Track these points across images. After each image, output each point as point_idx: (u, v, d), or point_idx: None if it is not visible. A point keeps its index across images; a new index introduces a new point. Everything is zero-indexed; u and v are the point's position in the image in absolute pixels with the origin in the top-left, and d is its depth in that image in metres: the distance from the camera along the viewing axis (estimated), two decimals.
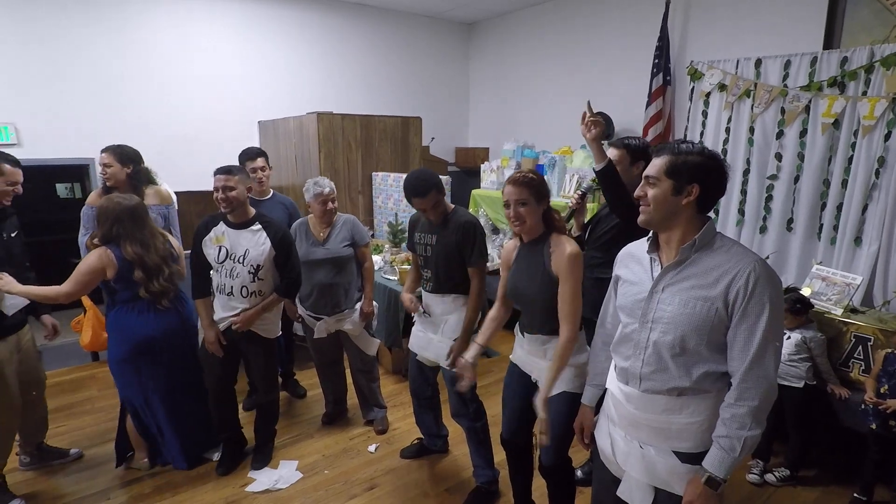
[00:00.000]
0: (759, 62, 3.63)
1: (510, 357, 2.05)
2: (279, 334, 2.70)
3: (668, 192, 1.33)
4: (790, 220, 3.61)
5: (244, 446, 2.80)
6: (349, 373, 3.08)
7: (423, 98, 6.17)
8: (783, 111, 3.53)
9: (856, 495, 2.44)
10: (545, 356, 1.86)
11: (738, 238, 3.76)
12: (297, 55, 5.26)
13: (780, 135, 3.57)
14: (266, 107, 5.09)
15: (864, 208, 3.23)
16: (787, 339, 2.55)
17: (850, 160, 3.28)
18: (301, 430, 3.08)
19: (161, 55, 4.54)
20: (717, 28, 4.02)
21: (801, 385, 2.53)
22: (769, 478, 2.62)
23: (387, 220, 4.38)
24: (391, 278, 3.69)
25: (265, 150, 3.88)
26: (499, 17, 5.95)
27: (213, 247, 2.46)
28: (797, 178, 3.53)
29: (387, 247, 4.10)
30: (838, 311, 2.74)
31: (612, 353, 1.52)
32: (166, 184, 3.13)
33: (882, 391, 2.36)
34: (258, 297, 2.50)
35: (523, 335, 1.95)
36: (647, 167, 1.38)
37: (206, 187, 2.44)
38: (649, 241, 1.44)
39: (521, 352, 1.98)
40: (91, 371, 3.81)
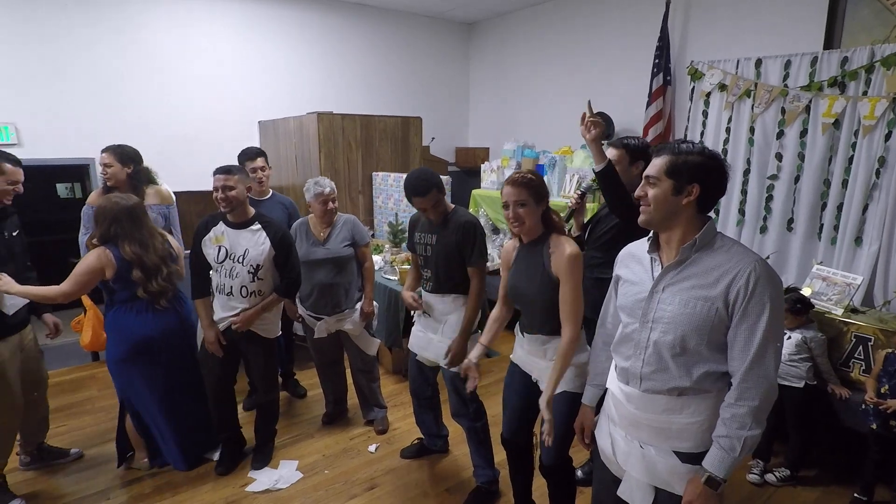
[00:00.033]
0: (759, 62, 3.63)
1: (510, 357, 2.05)
2: (279, 334, 2.70)
3: (668, 192, 1.33)
4: (790, 220, 3.61)
5: (243, 446, 2.80)
6: (349, 373, 3.08)
7: (424, 98, 6.17)
8: (783, 111, 3.53)
9: (856, 495, 2.44)
10: (545, 356, 1.86)
11: (739, 238, 3.76)
12: (297, 55, 5.26)
13: (780, 135, 3.57)
14: (266, 107, 5.09)
15: (865, 208, 3.23)
16: (788, 339, 2.55)
17: (850, 160, 3.28)
18: (301, 430, 3.08)
19: (161, 55, 4.55)
20: (718, 28, 4.02)
21: (802, 385, 2.53)
22: (769, 478, 2.62)
23: (387, 220, 4.38)
24: (391, 278, 3.69)
25: (265, 150, 3.87)
26: (499, 16, 5.95)
27: (213, 247, 2.46)
28: (797, 178, 3.53)
29: (387, 247, 4.09)
30: (839, 311, 2.74)
31: (613, 353, 1.52)
32: (166, 184, 3.14)
33: (882, 391, 2.36)
34: (258, 297, 2.50)
35: (523, 335, 1.95)
36: (646, 167, 1.38)
37: (206, 187, 2.43)
38: (650, 240, 1.45)
39: (522, 352, 1.98)
40: (91, 371, 3.81)
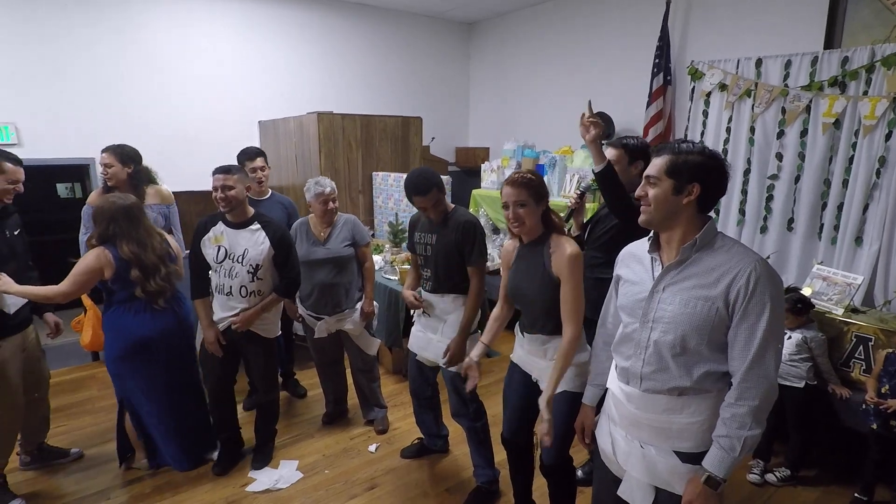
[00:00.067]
0: (759, 62, 3.63)
1: (510, 357, 2.05)
2: (279, 334, 2.70)
3: (668, 192, 1.33)
4: (791, 220, 3.61)
5: (242, 447, 2.80)
6: (349, 372, 3.08)
7: (424, 98, 6.17)
8: (784, 111, 3.52)
9: (856, 495, 2.44)
10: (545, 356, 1.86)
11: (739, 238, 3.76)
12: (297, 55, 5.25)
13: (780, 134, 3.57)
14: (266, 107, 5.09)
15: (865, 208, 3.23)
16: (788, 338, 2.55)
17: (850, 160, 3.28)
18: (301, 429, 3.08)
19: (161, 55, 4.54)
20: (718, 28, 4.02)
21: (802, 385, 2.53)
22: (770, 478, 2.62)
23: (387, 219, 4.38)
24: (392, 278, 3.69)
25: (265, 149, 3.87)
26: (499, 16, 5.95)
27: (212, 247, 2.46)
28: (798, 178, 3.53)
29: (387, 247, 4.09)
30: (839, 311, 2.74)
31: (613, 352, 1.52)
32: (165, 184, 3.14)
33: (883, 391, 2.36)
34: (257, 297, 2.49)
35: (523, 335, 1.95)
36: (645, 167, 1.38)
37: (206, 187, 2.43)
38: (650, 240, 1.44)
39: (522, 352, 1.98)
40: (91, 371, 3.81)
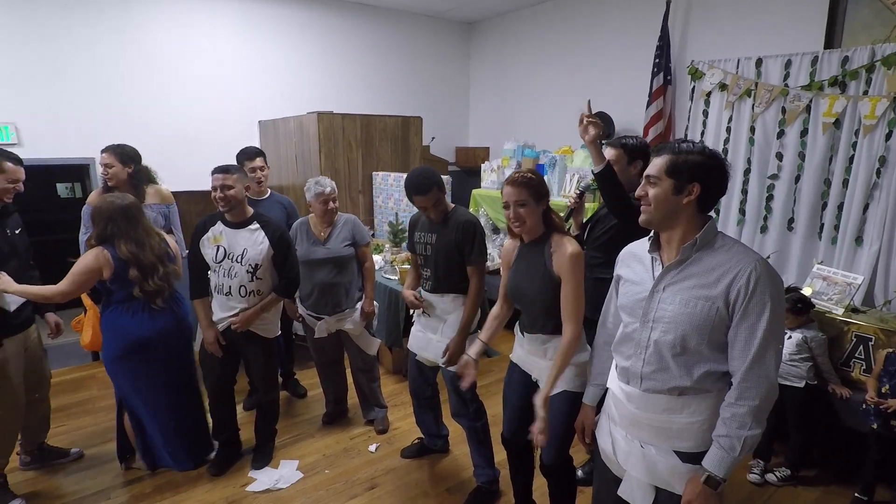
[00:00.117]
0: (759, 62, 3.62)
1: (510, 357, 2.05)
2: (278, 334, 2.70)
3: (668, 192, 1.33)
4: (791, 220, 3.61)
5: (240, 449, 2.79)
6: (350, 372, 3.08)
7: (424, 98, 6.16)
8: (784, 111, 3.52)
9: (857, 495, 2.44)
10: (545, 356, 1.86)
11: (739, 237, 3.76)
12: (297, 55, 5.25)
13: (780, 134, 3.57)
14: (266, 107, 5.08)
15: (865, 208, 3.23)
16: (788, 338, 2.55)
17: (850, 160, 3.28)
18: (301, 429, 3.08)
19: (161, 55, 4.54)
20: (718, 28, 4.01)
21: (802, 385, 2.53)
22: (770, 478, 2.62)
23: (387, 219, 4.38)
24: (392, 278, 3.69)
25: (265, 149, 3.87)
26: (499, 16, 5.95)
27: (211, 246, 2.46)
28: (798, 178, 3.53)
29: (387, 246, 4.09)
30: (839, 311, 2.74)
31: (614, 352, 1.52)
32: (165, 183, 3.14)
33: (883, 391, 2.36)
34: (256, 297, 2.49)
35: (523, 335, 1.95)
36: (644, 166, 1.38)
37: (206, 187, 2.43)
38: (650, 240, 1.44)
39: (521, 351, 1.98)
40: (91, 371, 3.82)
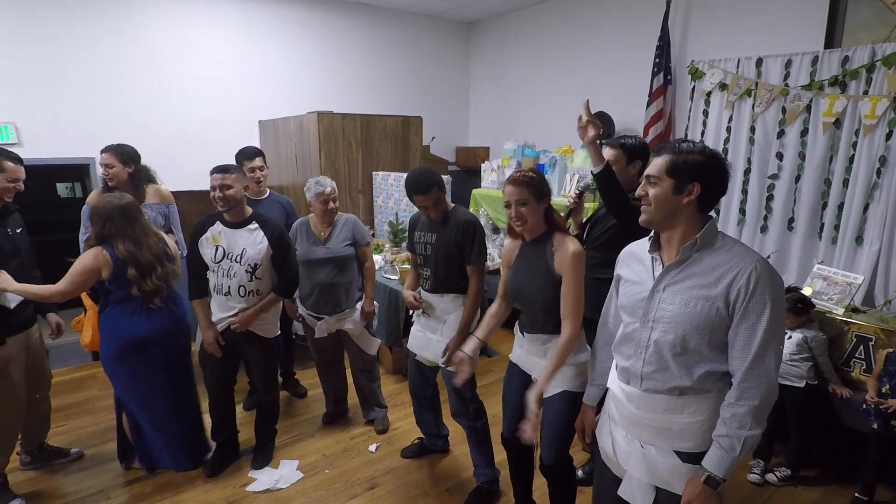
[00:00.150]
0: (759, 61, 3.62)
1: (510, 357, 2.05)
2: (278, 333, 2.70)
3: (668, 192, 1.33)
4: (791, 220, 3.60)
5: (237, 450, 2.78)
6: (350, 372, 3.08)
7: (424, 97, 6.16)
8: (784, 110, 3.52)
9: (857, 495, 2.44)
10: (545, 356, 1.85)
11: (739, 237, 3.75)
12: (297, 55, 5.25)
13: (781, 134, 3.57)
14: (266, 106, 5.08)
15: (866, 208, 3.22)
16: (789, 338, 2.54)
17: (851, 159, 3.28)
18: (301, 429, 3.08)
19: (161, 55, 4.54)
20: (718, 27, 4.01)
21: (803, 385, 2.53)
22: (770, 478, 2.62)
23: (387, 219, 4.38)
24: (392, 278, 3.69)
25: (265, 149, 3.87)
26: (499, 16, 5.95)
27: (210, 246, 2.45)
28: (798, 178, 3.52)
29: (387, 246, 4.09)
30: (839, 311, 2.74)
31: (614, 352, 1.52)
32: (165, 183, 3.14)
33: (883, 391, 2.36)
34: (256, 297, 2.49)
35: (523, 335, 1.95)
36: (643, 166, 1.38)
37: (206, 187, 2.43)
38: (651, 240, 1.44)
39: (521, 351, 1.98)
40: (91, 371, 3.81)
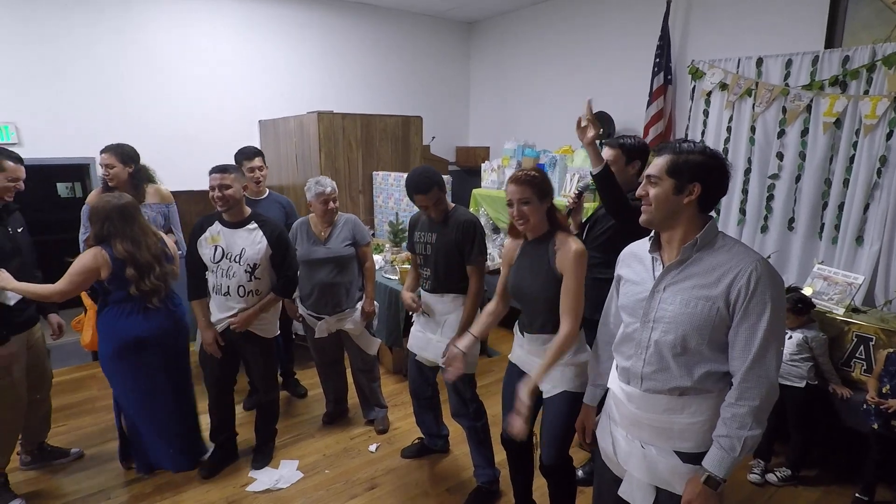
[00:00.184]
0: (760, 61, 3.62)
1: (509, 357, 2.04)
2: (277, 333, 2.69)
3: (669, 192, 1.33)
4: (791, 220, 3.60)
5: (235, 452, 2.77)
6: (350, 372, 3.08)
7: (424, 97, 6.16)
8: (784, 110, 3.52)
9: (857, 495, 2.44)
10: (545, 356, 1.85)
11: (740, 237, 3.75)
12: (297, 55, 5.25)
13: (781, 134, 3.57)
14: (266, 106, 5.08)
15: (866, 208, 3.22)
16: (789, 338, 2.54)
17: (851, 159, 3.27)
18: (302, 429, 3.08)
19: (162, 55, 4.54)
20: (719, 27, 4.01)
21: (803, 385, 2.53)
22: (770, 478, 2.62)
23: (387, 219, 4.38)
24: (392, 278, 3.69)
25: (265, 149, 3.87)
26: (499, 15, 5.95)
27: (209, 246, 2.45)
28: (798, 178, 3.52)
29: (387, 246, 4.09)
30: (840, 311, 2.73)
31: (614, 352, 1.52)
32: (165, 183, 3.14)
33: (884, 391, 2.36)
34: (255, 297, 2.49)
35: (523, 335, 1.95)
36: (642, 166, 1.38)
37: (206, 187, 2.43)
38: (651, 240, 1.44)
39: (521, 352, 1.97)
40: (91, 370, 3.81)
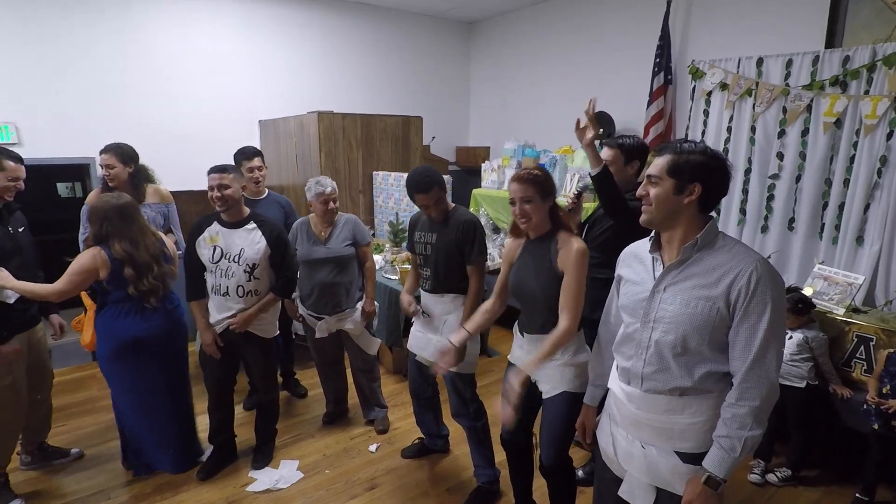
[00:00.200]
0: (760, 61, 3.62)
1: (508, 357, 2.04)
2: (276, 333, 2.69)
3: (669, 192, 1.32)
4: (792, 220, 3.60)
5: (233, 453, 2.77)
6: (350, 372, 3.08)
7: (424, 97, 6.16)
8: (785, 110, 3.52)
9: (858, 496, 2.44)
10: None
11: (740, 237, 3.75)
12: (297, 55, 5.25)
13: (781, 134, 3.56)
14: (266, 106, 5.08)
15: (866, 208, 3.22)
16: (789, 338, 2.54)
17: (851, 159, 3.27)
18: (302, 429, 3.08)
19: (162, 55, 4.54)
20: (719, 27, 4.01)
21: (803, 385, 2.53)
22: (771, 478, 2.62)
23: (387, 219, 4.38)
24: (392, 278, 3.69)
25: (265, 149, 3.86)
26: (499, 15, 5.94)
27: (208, 247, 2.45)
28: (799, 178, 3.52)
29: (388, 246, 4.09)
30: (840, 311, 2.73)
31: (615, 352, 1.52)
32: (164, 183, 3.14)
33: (884, 391, 2.36)
34: (254, 297, 2.49)
35: (522, 335, 1.95)
36: (641, 166, 1.37)
37: (206, 187, 2.42)
38: (651, 240, 1.44)
39: (521, 352, 1.97)
40: (91, 370, 3.81)
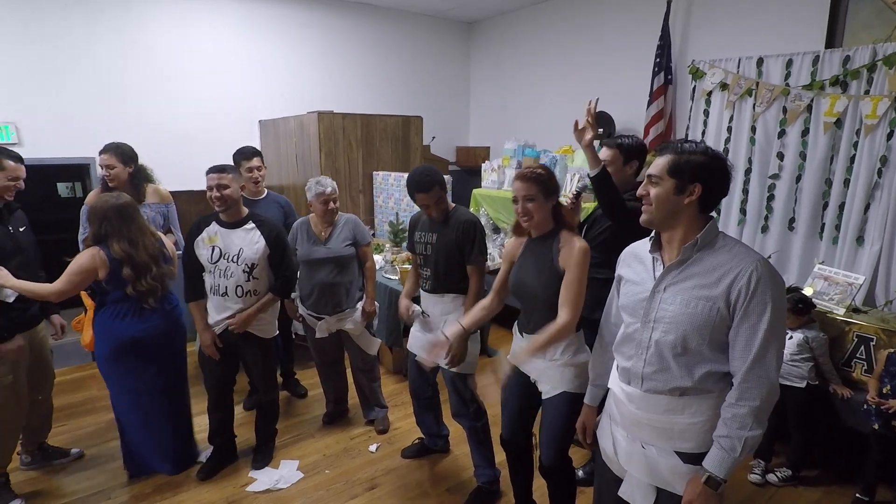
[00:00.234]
0: (760, 61, 3.62)
1: (507, 357, 2.04)
2: (276, 333, 2.68)
3: (670, 192, 1.32)
4: (792, 220, 3.60)
5: (232, 454, 2.76)
6: (350, 372, 3.08)
7: (424, 97, 6.16)
8: (785, 110, 3.52)
9: (858, 496, 2.44)
10: (544, 356, 1.85)
11: (740, 237, 3.75)
12: (297, 55, 5.25)
13: (781, 134, 3.56)
14: (267, 106, 5.08)
15: (867, 208, 3.22)
16: (790, 338, 2.54)
17: (852, 159, 3.27)
18: (302, 429, 3.08)
19: (162, 55, 4.54)
20: (719, 27, 4.01)
21: (804, 385, 2.53)
22: (771, 478, 2.62)
23: (388, 219, 4.38)
24: (392, 278, 3.69)
25: (265, 149, 3.86)
26: (500, 15, 5.95)
27: (206, 247, 2.44)
28: (799, 178, 3.52)
29: (388, 246, 4.09)
30: (840, 311, 2.73)
31: (615, 352, 1.52)
32: (164, 183, 3.14)
33: (885, 391, 2.35)
34: (253, 297, 2.48)
35: (522, 335, 1.95)
36: (640, 166, 1.37)
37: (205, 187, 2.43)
38: (651, 240, 1.44)
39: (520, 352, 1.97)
40: (91, 370, 3.81)
